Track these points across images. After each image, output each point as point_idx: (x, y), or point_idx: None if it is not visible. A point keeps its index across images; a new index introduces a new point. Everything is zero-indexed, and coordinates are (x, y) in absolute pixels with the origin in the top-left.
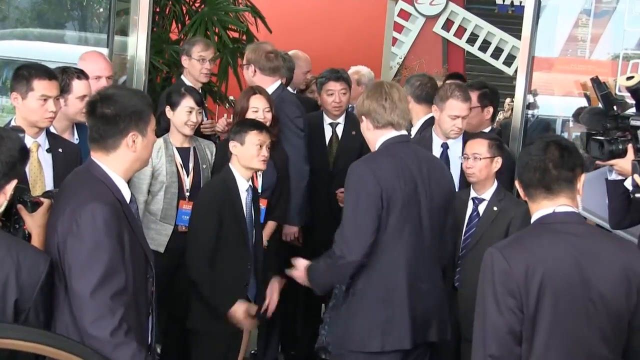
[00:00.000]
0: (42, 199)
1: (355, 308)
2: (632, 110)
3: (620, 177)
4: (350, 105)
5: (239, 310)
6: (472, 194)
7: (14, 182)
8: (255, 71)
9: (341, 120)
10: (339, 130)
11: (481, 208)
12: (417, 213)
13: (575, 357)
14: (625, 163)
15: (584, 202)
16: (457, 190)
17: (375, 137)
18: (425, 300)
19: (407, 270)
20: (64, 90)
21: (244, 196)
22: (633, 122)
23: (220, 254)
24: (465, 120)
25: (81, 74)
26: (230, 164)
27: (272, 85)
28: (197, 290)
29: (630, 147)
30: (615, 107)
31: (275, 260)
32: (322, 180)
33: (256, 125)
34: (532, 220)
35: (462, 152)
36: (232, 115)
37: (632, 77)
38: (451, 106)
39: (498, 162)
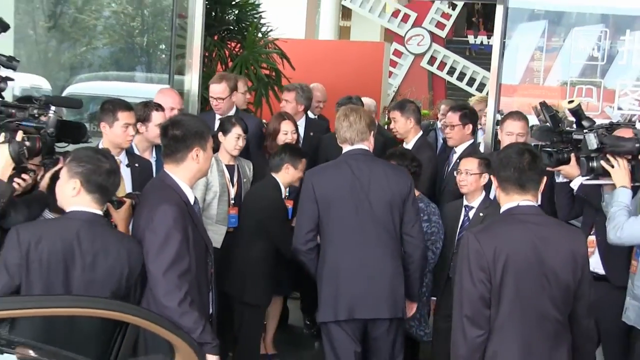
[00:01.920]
0: (124, 199)
1: (318, 287)
2: (574, 126)
3: (565, 180)
4: None
5: None
6: (464, 202)
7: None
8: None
9: None
10: None
11: (471, 214)
12: (353, 212)
13: (532, 319)
14: (569, 169)
15: None
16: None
17: (344, 150)
18: (364, 279)
19: (343, 253)
20: (146, 119)
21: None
22: (574, 136)
23: None
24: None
25: (159, 107)
26: (275, 176)
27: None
28: (256, 272)
29: (572, 155)
30: (560, 125)
31: None
32: None
33: (300, 154)
34: (502, 210)
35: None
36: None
37: (572, 101)
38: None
39: (485, 177)
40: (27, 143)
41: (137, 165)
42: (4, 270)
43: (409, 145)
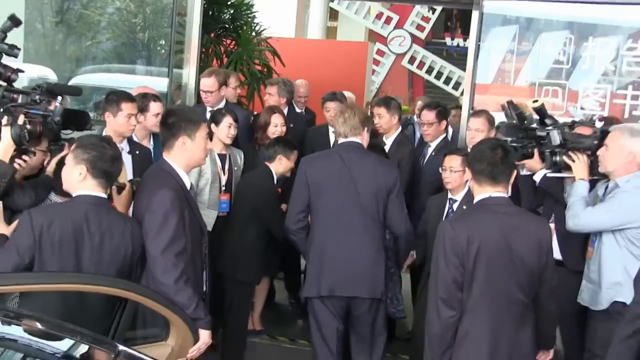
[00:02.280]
0: (125, 184)
1: (306, 265)
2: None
3: (529, 173)
4: None
5: None
6: (449, 195)
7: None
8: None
9: None
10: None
11: (455, 206)
12: (337, 200)
13: (501, 302)
14: (533, 162)
15: None
16: None
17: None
18: (346, 260)
19: (328, 236)
20: (144, 109)
21: None
22: (538, 133)
23: None
24: None
25: (156, 98)
26: (269, 164)
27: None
28: (249, 252)
29: (536, 151)
30: (525, 122)
31: None
32: None
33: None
34: (475, 200)
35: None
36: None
37: (536, 101)
38: None
39: (468, 173)
40: (28, 126)
41: (137, 152)
42: (14, 251)
43: (389, 139)
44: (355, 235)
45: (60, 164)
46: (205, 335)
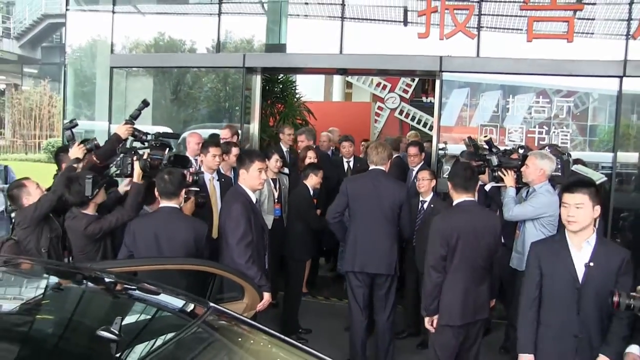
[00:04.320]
0: (190, 196)
1: (345, 248)
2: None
3: (482, 183)
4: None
5: None
6: (421, 198)
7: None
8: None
9: (351, 160)
10: (351, 164)
11: (425, 206)
12: (368, 206)
13: (468, 268)
14: (484, 177)
15: None
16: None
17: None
18: (369, 247)
19: (361, 231)
20: (228, 152)
21: None
22: (487, 157)
23: None
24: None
25: (235, 145)
26: (305, 182)
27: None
28: (300, 240)
29: (486, 169)
30: (479, 150)
31: None
32: None
33: (318, 168)
34: (454, 203)
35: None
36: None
37: (487, 136)
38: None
39: (433, 182)
40: (149, 160)
41: (223, 180)
42: (124, 247)
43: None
44: (379, 231)
45: (150, 187)
46: (267, 296)
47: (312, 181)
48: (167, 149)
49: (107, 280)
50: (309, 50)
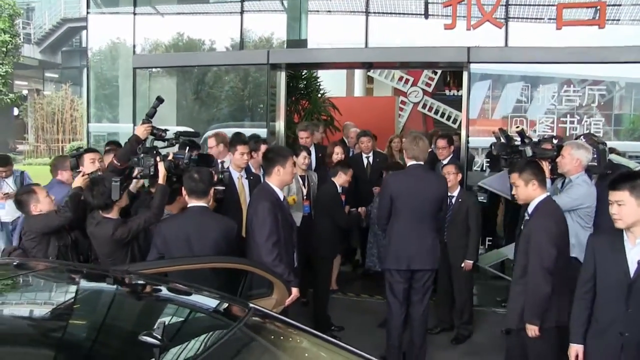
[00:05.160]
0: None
1: (388, 245)
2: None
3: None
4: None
5: None
6: (449, 193)
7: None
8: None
9: (370, 155)
10: (370, 160)
11: (453, 201)
12: (411, 203)
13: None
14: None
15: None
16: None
17: (408, 163)
18: (414, 244)
19: (406, 229)
20: (256, 149)
21: None
22: (520, 148)
23: None
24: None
25: (265, 141)
26: (333, 179)
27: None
28: (326, 238)
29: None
30: (510, 141)
31: None
32: (364, 184)
33: (347, 166)
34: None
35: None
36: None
37: (518, 127)
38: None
39: (459, 176)
40: (173, 161)
41: (252, 177)
42: (154, 248)
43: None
44: (423, 228)
45: (175, 191)
46: (295, 291)
47: (341, 179)
48: (190, 147)
49: (142, 282)
50: (331, 45)
